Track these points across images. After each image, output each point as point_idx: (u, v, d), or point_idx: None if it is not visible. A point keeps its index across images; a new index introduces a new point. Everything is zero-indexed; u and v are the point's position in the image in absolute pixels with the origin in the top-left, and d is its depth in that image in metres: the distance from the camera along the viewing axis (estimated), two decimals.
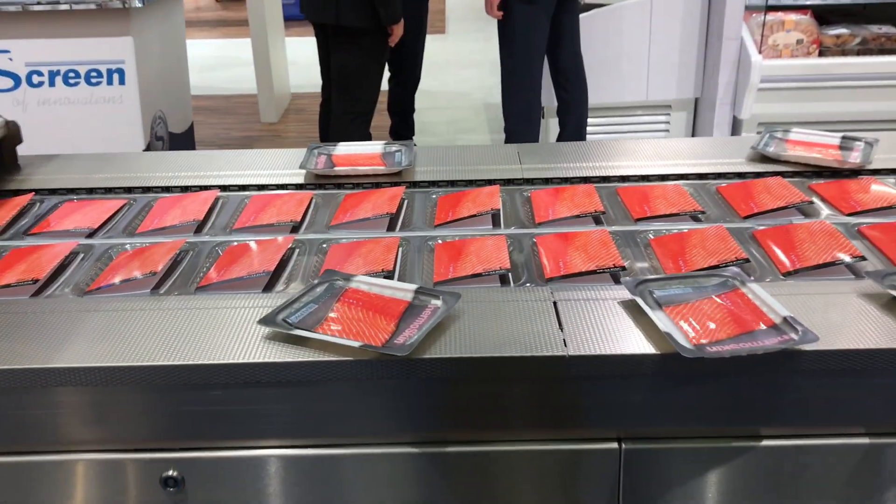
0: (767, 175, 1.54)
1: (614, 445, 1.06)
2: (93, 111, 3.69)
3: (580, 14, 4.20)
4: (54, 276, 1.26)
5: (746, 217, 1.39)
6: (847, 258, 1.21)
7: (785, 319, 1.03)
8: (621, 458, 1.06)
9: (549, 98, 4.29)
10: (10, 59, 3.64)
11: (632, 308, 1.09)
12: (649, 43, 4.35)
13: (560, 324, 1.06)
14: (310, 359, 1.00)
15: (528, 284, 1.20)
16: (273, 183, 1.58)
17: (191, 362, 1.00)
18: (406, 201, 1.49)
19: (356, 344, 1.01)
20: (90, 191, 1.57)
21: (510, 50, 4.01)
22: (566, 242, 1.29)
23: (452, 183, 1.58)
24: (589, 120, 4.34)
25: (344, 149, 1.68)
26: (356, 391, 1.03)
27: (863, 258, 1.22)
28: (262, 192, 1.55)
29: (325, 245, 1.33)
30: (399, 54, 4.27)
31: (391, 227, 1.40)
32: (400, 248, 1.31)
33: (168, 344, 1.03)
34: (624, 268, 1.21)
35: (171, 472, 1.05)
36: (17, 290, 1.22)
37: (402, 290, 1.13)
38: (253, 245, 1.31)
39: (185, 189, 1.57)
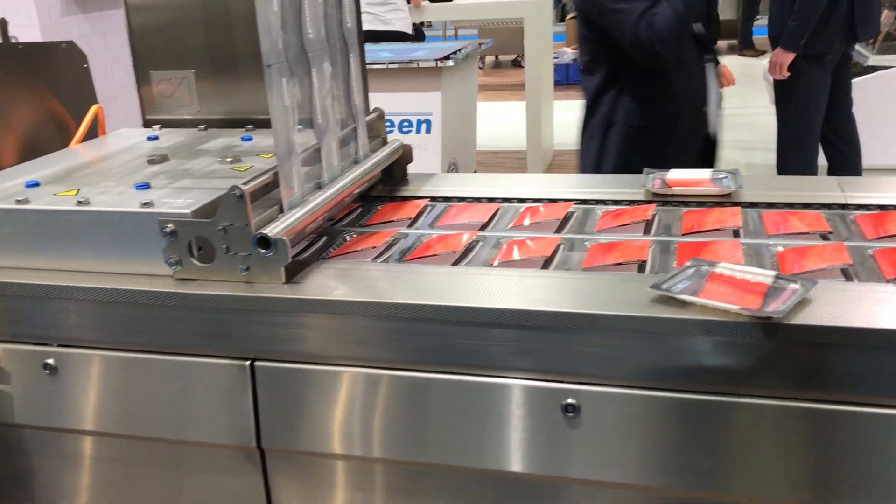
0: None
1: None
2: None
3: (862, 76, 4.23)
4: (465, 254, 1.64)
5: None
6: None
7: None
8: None
9: (820, 157, 4.32)
10: None
11: None
12: None
13: None
14: (699, 317, 1.26)
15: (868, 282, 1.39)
16: (613, 199, 1.89)
17: (597, 311, 1.30)
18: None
19: (734, 308, 1.26)
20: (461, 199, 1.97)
21: (794, 111, 4.10)
22: None
23: (771, 205, 1.80)
24: None
25: (675, 174, 1.95)
26: (724, 347, 1.27)
27: None
28: (610, 208, 1.85)
29: (674, 246, 1.61)
30: None
31: (735, 235, 1.66)
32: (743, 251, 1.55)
33: (579, 302, 1.34)
34: None
35: (570, 400, 1.35)
36: (440, 259, 1.60)
37: (763, 275, 1.37)
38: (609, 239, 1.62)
39: (536, 201, 1.91)
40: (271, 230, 1.45)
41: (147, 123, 2.24)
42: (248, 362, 1.48)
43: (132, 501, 1.68)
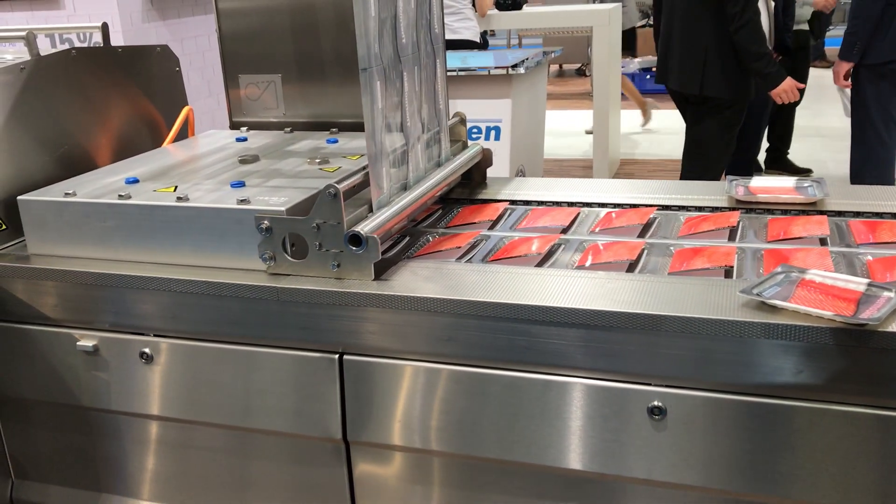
0: None
1: None
2: None
3: None
4: (546, 257, 1.66)
5: None
6: None
7: None
8: None
9: None
10: None
11: None
12: None
13: None
14: (791, 322, 1.26)
15: None
16: (695, 205, 1.88)
17: (687, 315, 1.30)
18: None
19: (827, 314, 1.25)
20: (540, 202, 1.99)
21: (865, 122, 4.03)
22: None
23: (858, 214, 1.78)
24: None
25: (758, 182, 1.94)
26: (815, 353, 1.26)
27: None
28: (693, 214, 1.85)
29: (761, 253, 1.60)
30: (746, 123, 4.43)
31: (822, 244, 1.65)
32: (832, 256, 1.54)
33: (667, 305, 1.34)
34: None
35: (656, 403, 1.35)
36: (523, 260, 1.62)
37: (855, 282, 1.35)
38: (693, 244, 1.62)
39: (616, 206, 1.93)
40: (362, 228, 1.49)
41: (234, 125, 2.32)
42: (337, 356, 1.53)
43: (218, 488, 1.74)
